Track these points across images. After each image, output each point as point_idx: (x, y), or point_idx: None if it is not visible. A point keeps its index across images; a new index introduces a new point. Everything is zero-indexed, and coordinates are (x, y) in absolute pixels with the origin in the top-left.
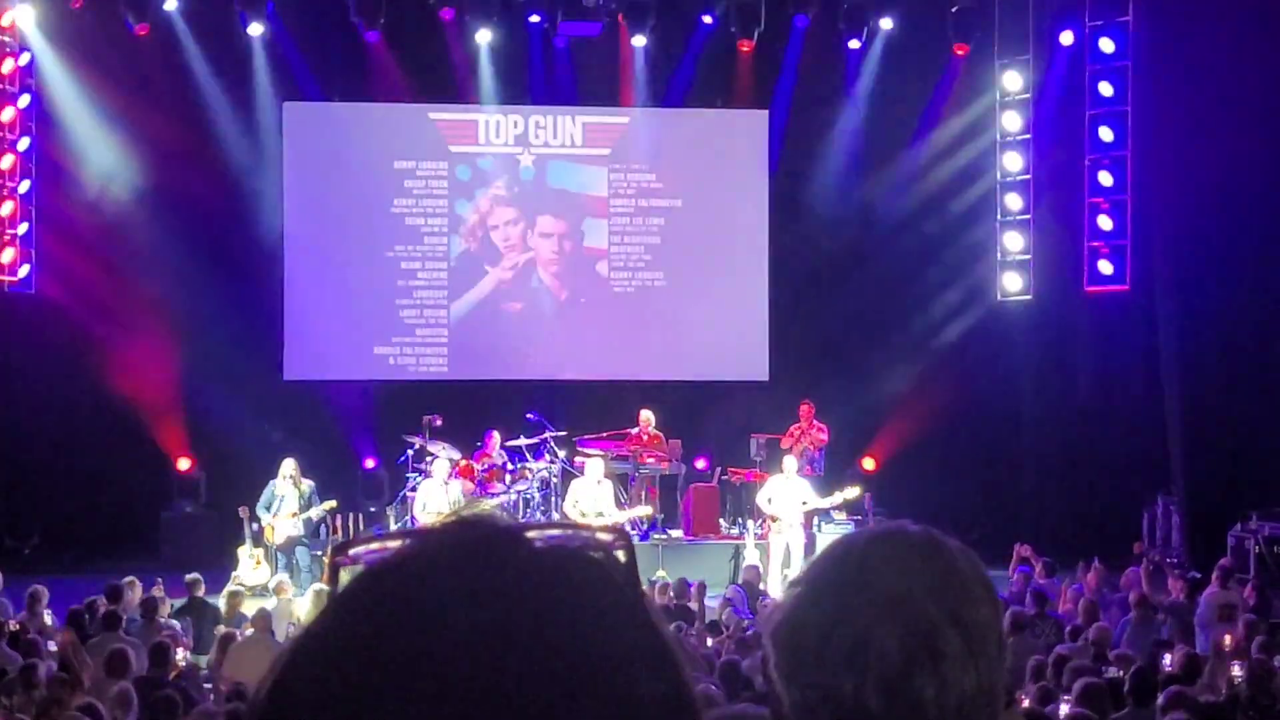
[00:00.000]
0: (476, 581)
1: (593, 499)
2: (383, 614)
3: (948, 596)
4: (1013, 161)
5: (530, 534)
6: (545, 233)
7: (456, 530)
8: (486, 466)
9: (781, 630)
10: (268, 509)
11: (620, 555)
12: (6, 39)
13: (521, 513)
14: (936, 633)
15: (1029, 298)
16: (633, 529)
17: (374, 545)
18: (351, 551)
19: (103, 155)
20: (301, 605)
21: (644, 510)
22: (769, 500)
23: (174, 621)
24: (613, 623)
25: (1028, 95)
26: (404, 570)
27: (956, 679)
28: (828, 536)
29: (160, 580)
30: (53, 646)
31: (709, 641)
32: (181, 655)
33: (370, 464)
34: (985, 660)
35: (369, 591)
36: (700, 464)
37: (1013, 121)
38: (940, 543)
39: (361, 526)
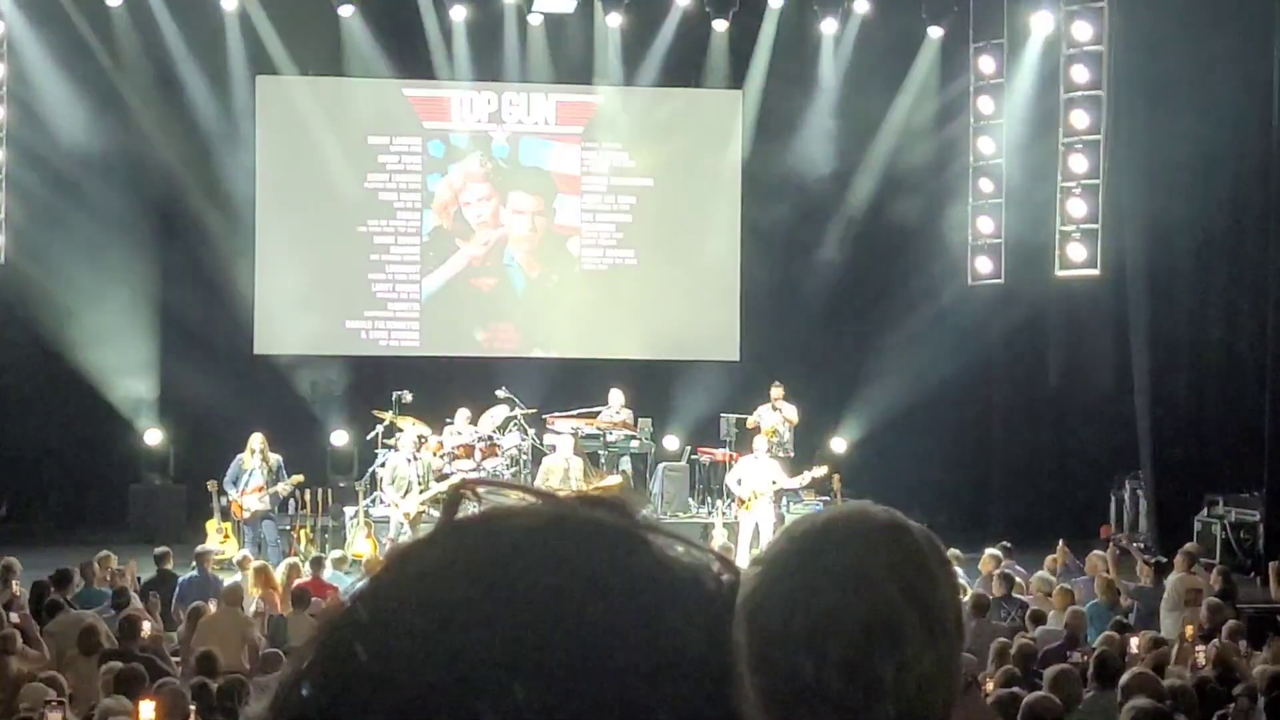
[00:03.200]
0: (593, 570)
1: (563, 476)
2: (496, 557)
3: (908, 577)
4: (986, 145)
5: (653, 537)
6: (517, 210)
7: (591, 511)
8: (456, 443)
9: (742, 608)
10: (235, 484)
11: (724, 581)
12: None
13: None
14: (897, 613)
15: (1000, 281)
16: None
17: (504, 491)
18: (481, 489)
19: (75, 127)
20: (278, 576)
21: (613, 482)
22: (739, 481)
23: (136, 595)
24: (692, 651)
25: (1001, 79)
26: (529, 529)
27: (916, 659)
28: (796, 516)
29: (132, 563)
30: (15, 618)
31: None
32: (148, 628)
33: (339, 439)
34: (945, 640)
35: (488, 532)
36: (670, 443)
37: (986, 105)
38: (901, 523)
39: (330, 502)
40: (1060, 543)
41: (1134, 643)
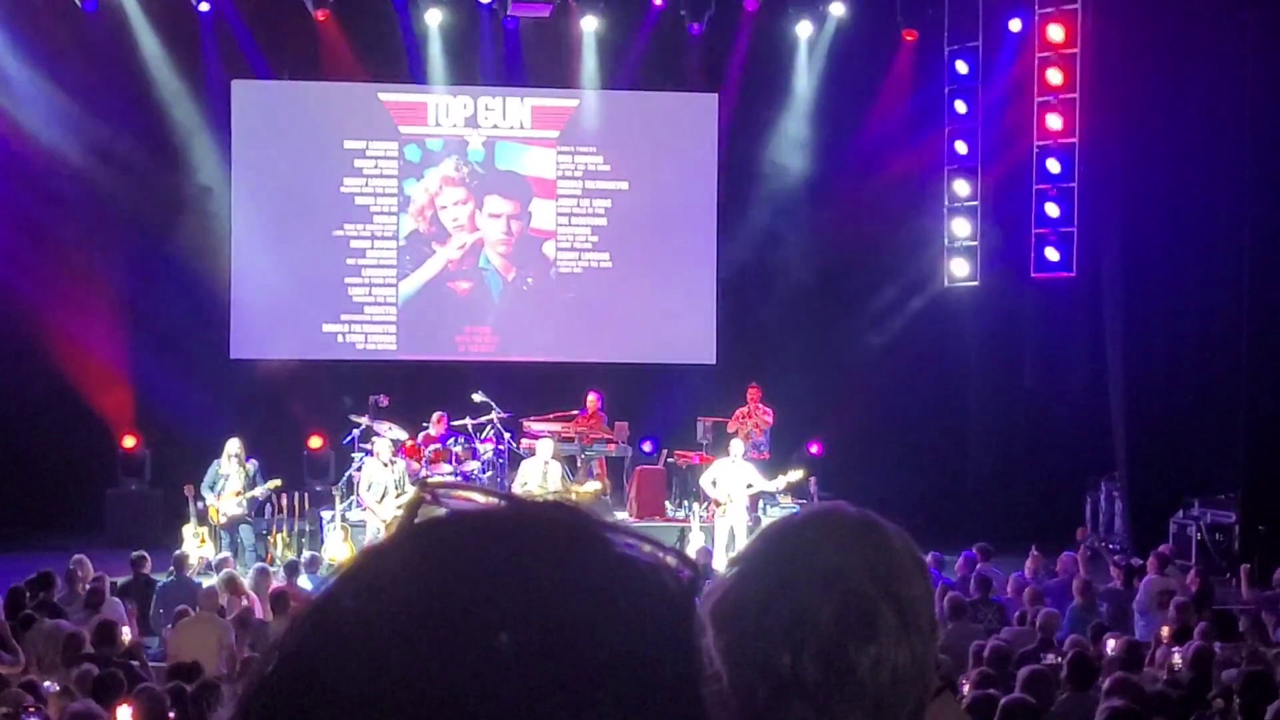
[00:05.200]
0: (551, 567)
1: (541, 479)
2: (456, 557)
3: (883, 573)
4: (961, 148)
5: (612, 535)
6: (493, 214)
7: (549, 511)
8: (432, 447)
9: (721, 606)
10: (212, 488)
11: (684, 579)
12: None
13: None
14: (872, 607)
15: (976, 284)
16: None
17: (463, 493)
18: (440, 492)
19: (50, 131)
20: (246, 583)
21: (593, 486)
22: (713, 482)
23: (116, 600)
24: (652, 647)
25: (976, 82)
26: (489, 529)
27: (890, 652)
28: (772, 519)
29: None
30: None
31: None
32: (125, 633)
33: (316, 444)
34: (918, 635)
35: (449, 533)
36: (647, 446)
37: (961, 108)
38: (875, 522)
39: (307, 506)
40: (1033, 548)
41: (1110, 645)
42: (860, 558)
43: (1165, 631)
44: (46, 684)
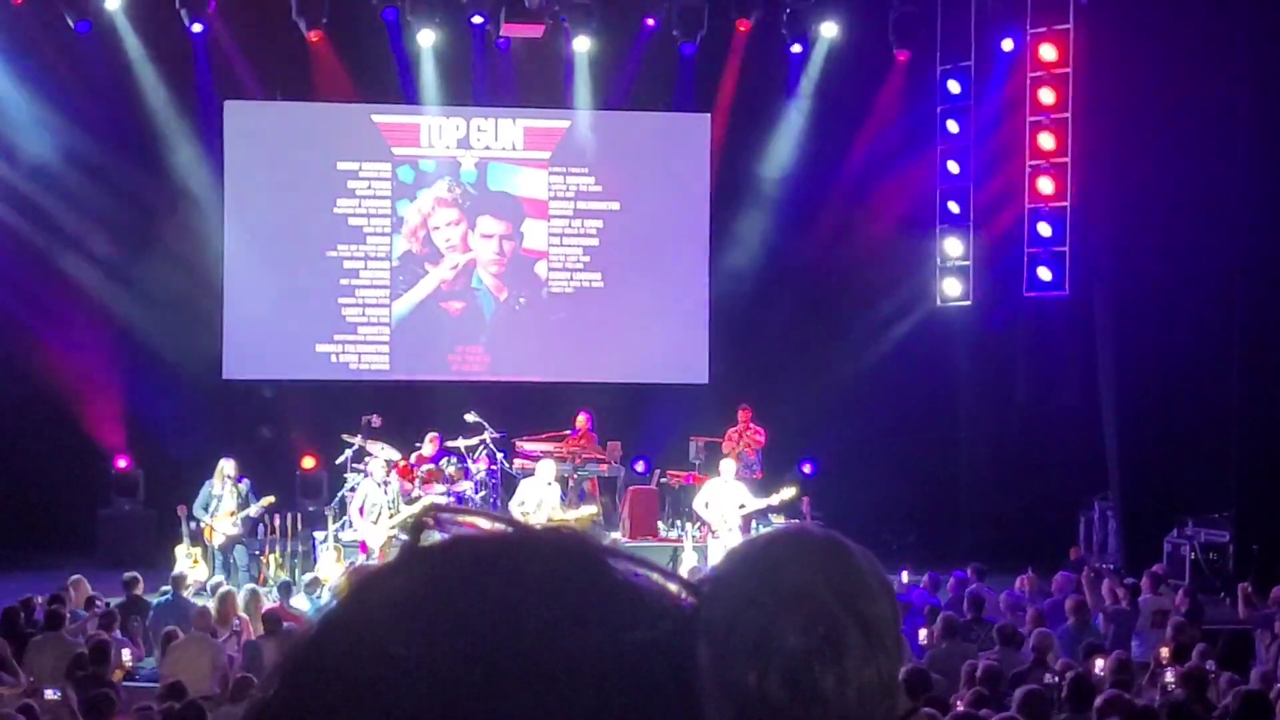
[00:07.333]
0: (556, 594)
1: (538, 500)
2: (462, 583)
3: (848, 592)
4: (953, 167)
5: (614, 562)
6: (486, 234)
7: (554, 538)
8: (425, 467)
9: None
10: (205, 509)
11: (685, 603)
12: None
13: None
14: (837, 625)
15: (968, 303)
16: None
17: (467, 518)
18: (444, 515)
19: (41, 151)
20: (240, 602)
21: (589, 510)
22: (706, 504)
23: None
24: (656, 674)
25: (969, 101)
26: (494, 556)
27: (856, 671)
28: None
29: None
30: None
31: None
32: (127, 656)
33: (309, 464)
34: (884, 654)
35: (454, 559)
36: (639, 466)
37: (954, 127)
38: (841, 542)
39: (299, 526)
40: (1029, 570)
41: (1098, 664)
42: (825, 577)
43: (1164, 651)
44: (49, 692)
